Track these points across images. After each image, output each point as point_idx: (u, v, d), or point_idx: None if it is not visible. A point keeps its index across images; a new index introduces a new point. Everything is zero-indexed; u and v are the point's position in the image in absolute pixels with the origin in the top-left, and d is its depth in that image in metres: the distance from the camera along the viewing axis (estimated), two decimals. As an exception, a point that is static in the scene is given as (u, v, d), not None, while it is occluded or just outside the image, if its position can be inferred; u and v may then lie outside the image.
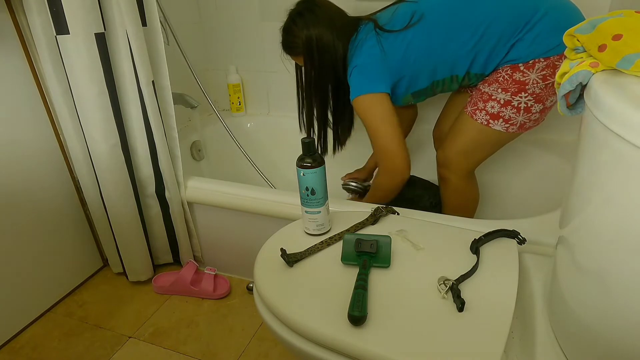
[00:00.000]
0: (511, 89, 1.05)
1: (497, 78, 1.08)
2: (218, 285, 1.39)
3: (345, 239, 0.82)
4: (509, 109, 1.07)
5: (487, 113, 1.10)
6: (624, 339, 0.53)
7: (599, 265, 0.55)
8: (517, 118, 1.08)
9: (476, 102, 1.12)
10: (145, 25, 1.18)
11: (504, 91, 1.06)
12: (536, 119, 1.10)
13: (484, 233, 0.82)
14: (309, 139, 0.81)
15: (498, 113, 1.08)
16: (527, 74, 1.03)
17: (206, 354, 1.19)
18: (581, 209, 0.59)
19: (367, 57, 1.11)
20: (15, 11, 1.15)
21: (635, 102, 0.47)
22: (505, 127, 1.10)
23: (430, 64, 1.10)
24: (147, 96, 1.20)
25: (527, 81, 1.04)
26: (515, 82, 1.04)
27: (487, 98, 1.09)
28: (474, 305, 0.68)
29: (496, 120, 1.09)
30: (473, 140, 1.14)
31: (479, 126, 1.11)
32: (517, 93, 1.05)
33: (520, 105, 1.06)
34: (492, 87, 1.08)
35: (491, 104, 1.09)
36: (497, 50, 1.05)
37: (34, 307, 1.33)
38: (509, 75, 1.05)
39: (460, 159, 1.17)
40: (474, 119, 1.12)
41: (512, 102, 1.06)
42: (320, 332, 0.66)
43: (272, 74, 1.77)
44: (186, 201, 1.35)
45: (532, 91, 1.04)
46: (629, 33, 0.53)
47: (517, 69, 1.04)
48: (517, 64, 1.04)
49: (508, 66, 1.05)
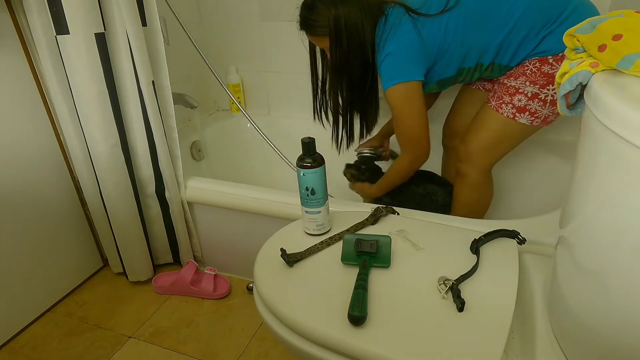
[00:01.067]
0: (540, 82, 1.05)
1: (524, 71, 1.07)
2: (218, 285, 1.39)
3: (345, 239, 0.82)
4: (536, 102, 1.07)
5: (513, 106, 1.08)
6: (624, 339, 0.53)
7: (599, 265, 0.55)
8: (542, 111, 1.07)
9: (501, 96, 1.11)
10: (145, 25, 1.18)
11: (532, 84, 1.05)
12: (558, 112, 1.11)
13: (484, 233, 0.82)
14: (309, 138, 0.81)
15: (525, 106, 1.07)
16: (555, 66, 1.03)
17: (206, 354, 1.19)
18: (581, 209, 0.59)
19: (403, 43, 1.06)
20: (15, 11, 1.15)
21: (635, 102, 0.47)
22: (531, 121, 1.09)
23: (462, 51, 1.08)
24: (147, 96, 1.20)
25: (555, 73, 1.02)
26: (544, 74, 1.04)
27: (513, 92, 1.08)
28: (474, 305, 0.68)
29: (523, 114, 1.08)
30: (497, 134, 1.13)
31: (505, 119, 1.10)
32: (546, 85, 1.05)
33: (548, 98, 1.06)
34: (520, 80, 1.07)
35: (518, 97, 1.08)
36: (527, 42, 1.04)
37: (34, 307, 1.33)
38: (537, 69, 1.05)
39: (482, 154, 1.15)
40: (500, 112, 1.10)
41: (539, 94, 1.06)
42: (320, 332, 0.66)
43: (272, 74, 1.77)
44: (186, 201, 1.35)
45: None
46: (629, 33, 0.53)
47: (545, 61, 1.04)
48: (547, 56, 1.03)
49: (536, 59, 1.05)
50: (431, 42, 1.06)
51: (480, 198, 1.23)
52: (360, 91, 1.19)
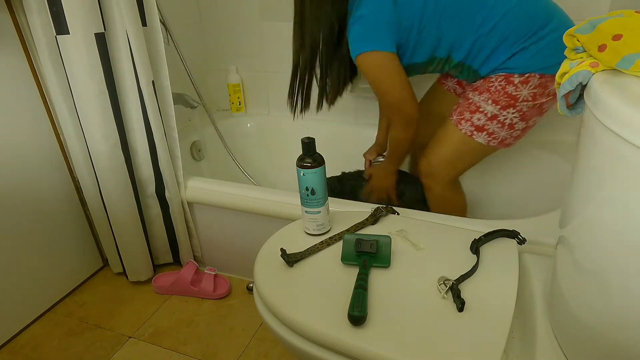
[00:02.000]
0: (501, 102, 1.04)
1: (489, 87, 1.06)
2: (218, 285, 1.39)
3: (345, 239, 0.82)
4: (494, 123, 1.07)
5: (472, 124, 1.09)
6: (624, 339, 0.53)
7: (599, 265, 0.55)
8: (500, 133, 1.08)
9: (462, 112, 1.11)
10: (145, 25, 1.18)
11: (494, 103, 1.05)
12: (517, 136, 1.11)
13: (484, 233, 0.82)
14: (309, 138, 0.81)
15: (483, 126, 1.08)
16: (519, 88, 1.02)
17: (206, 354, 1.19)
18: (581, 209, 0.59)
19: (376, 8, 1.01)
20: (15, 11, 1.15)
21: (635, 102, 0.47)
22: (487, 141, 1.09)
23: (436, 36, 1.05)
24: (147, 96, 1.20)
25: (519, 97, 1.03)
26: (507, 95, 1.03)
27: (474, 109, 1.08)
28: (474, 305, 0.68)
29: (480, 133, 1.09)
30: (456, 150, 1.13)
31: (463, 136, 1.10)
32: (506, 108, 1.05)
33: (506, 121, 1.06)
34: (483, 96, 1.07)
35: (478, 116, 1.08)
36: (499, 50, 1.02)
37: (34, 307, 1.33)
38: (502, 87, 1.04)
39: (443, 169, 1.16)
40: (459, 128, 1.11)
41: (498, 116, 1.06)
42: (320, 332, 0.66)
43: (272, 74, 1.77)
44: (186, 201, 1.35)
45: (520, 108, 1.04)
46: (629, 33, 0.53)
47: (511, 81, 1.03)
48: (513, 74, 1.02)
49: (502, 75, 1.04)
50: (406, 15, 1.02)
51: (451, 208, 1.22)
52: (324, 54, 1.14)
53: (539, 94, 1.03)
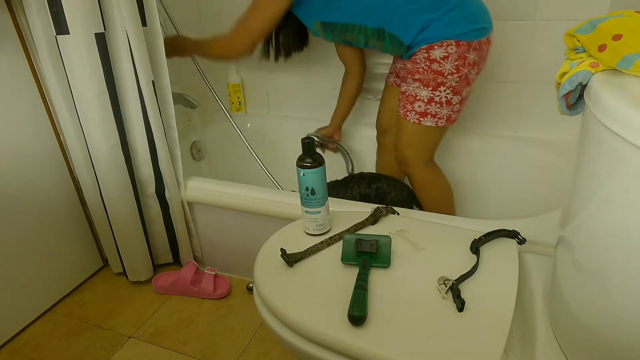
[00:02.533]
0: (431, 84, 1.14)
1: (417, 69, 1.15)
2: (218, 285, 1.39)
3: (345, 239, 0.82)
4: (433, 105, 1.17)
5: (416, 112, 1.19)
6: (624, 339, 0.53)
7: (599, 265, 0.55)
8: (442, 112, 1.18)
9: (404, 105, 1.21)
10: (145, 25, 1.18)
11: (425, 86, 1.15)
12: (458, 110, 1.20)
13: (484, 233, 0.82)
14: (309, 139, 0.81)
15: (425, 110, 1.18)
16: (442, 64, 1.12)
17: (206, 354, 1.19)
18: (581, 209, 0.59)
19: None
20: (15, 11, 1.15)
21: (635, 102, 0.47)
22: (435, 122, 1.19)
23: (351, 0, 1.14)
24: (147, 96, 1.20)
25: (444, 71, 1.12)
26: (434, 72, 1.13)
27: (412, 99, 1.18)
28: (474, 305, 0.68)
29: (425, 118, 1.18)
30: (414, 138, 1.23)
31: (413, 125, 1.20)
32: (437, 87, 1.14)
33: (442, 100, 1.16)
34: (415, 84, 1.17)
35: (418, 104, 1.18)
36: (413, 18, 1.11)
37: (34, 307, 1.33)
38: (427, 66, 1.13)
39: (410, 152, 1.25)
40: (407, 119, 1.21)
41: (434, 98, 1.16)
42: (320, 332, 0.66)
43: (272, 74, 1.77)
44: (186, 201, 1.35)
45: (449, 84, 1.13)
46: (629, 33, 0.53)
47: (433, 59, 1.12)
48: (433, 45, 1.11)
49: (424, 49, 1.12)
50: None
51: (437, 191, 1.30)
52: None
53: (461, 65, 1.12)
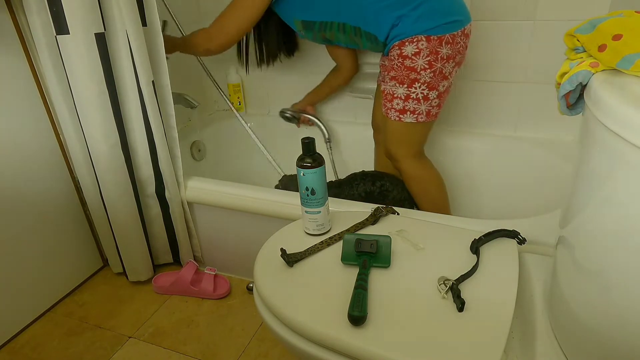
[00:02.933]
0: (405, 81, 1.15)
1: (392, 65, 1.16)
2: (218, 285, 1.39)
3: (345, 239, 0.82)
4: (411, 102, 1.18)
5: (395, 110, 1.20)
6: (624, 339, 0.53)
7: (599, 265, 0.55)
8: (420, 107, 1.18)
9: (385, 104, 1.22)
10: (145, 25, 1.18)
11: (400, 84, 1.16)
12: (437, 104, 1.20)
13: (484, 233, 0.82)
14: (309, 139, 0.81)
15: (404, 107, 1.19)
16: (414, 60, 1.12)
17: (206, 354, 1.19)
18: (581, 209, 0.59)
19: None
20: (15, 11, 1.15)
21: (635, 102, 0.47)
22: (415, 118, 1.20)
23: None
24: (147, 96, 1.20)
25: (416, 67, 1.13)
26: (407, 68, 1.14)
27: (390, 97, 1.20)
28: (474, 305, 0.68)
29: (404, 114, 1.20)
30: (398, 133, 1.25)
31: (395, 123, 1.22)
32: (412, 84, 1.15)
33: (419, 96, 1.17)
34: (391, 83, 1.18)
35: (396, 102, 1.19)
36: (384, 14, 1.12)
37: (34, 307, 1.33)
38: (400, 63, 1.14)
39: (397, 148, 1.26)
40: (389, 117, 1.23)
41: (410, 95, 1.17)
42: (320, 332, 0.66)
43: (272, 74, 1.77)
44: (186, 201, 1.35)
45: (424, 80, 1.14)
46: (629, 33, 0.53)
47: (405, 55, 1.13)
48: (404, 41, 1.12)
49: (397, 45, 1.13)
50: None
51: (426, 185, 1.30)
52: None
53: (433, 60, 1.12)
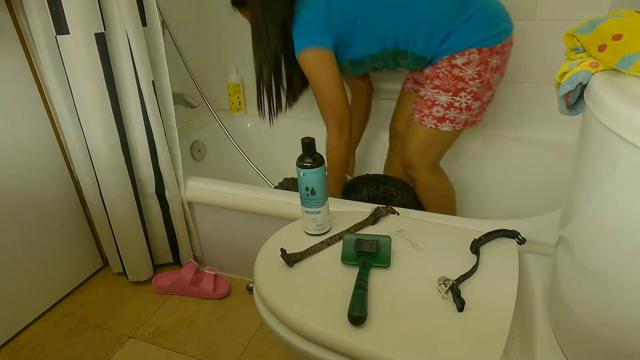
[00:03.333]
0: (452, 89, 1.12)
1: (437, 74, 1.13)
2: (218, 285, 1.39)
3: (345, 239, 0.82)
4: (452, 111, 1.15)
5: (434, 117, 1.16)
6: (624, 339, 0.53)
7: (599, 265, 0.55)
8: (460, 117, 1.16)
9: (421, 109, 1.18)
10: (145, 25, 1.18)
11: (445, 92, 1.13)
12: (477, 114, 1.18)
13: (484, 233, 0.82)
14: (309, 138, 0.81)
15: (444, 116, 1.15)
16: (464, 69, 1.10)
17: (206, 354, 1.19)
18: (581, 209, 0.59)
19: (311, 10, 1.12)
20: (15, 11, 1.15)
21: (635, 102, 0.47)
22: (452, 127, 1.17)
23: (370, 30, 1.13)
24: (147, 96, 1.20)
25: (465, 77, 1.11)
26: (455, 78, 1.11)
27: (430, 104, 1.16)
28: (474, 305, 0.68)
29: (443, 123, 1.16)
30: (427, 142, 1.21)
31: (429, 130, 1.18)
32: (457, 93, 1.13)
33: (462, 106, 1.14)
34: (434, 90, 1.15)
35: (436, 109, 1.15)
36: (435, 35, 1.10)
37: (34, 307, 1.33)
38: (448, 72, 1.11)
39: (419, 157, 1.23)
40: (424, 124, 1.18)
41: (454, 103, 1.14)
42: (320, 332, 0.66)
43: (272, 74, 1.76)
44: (186, 201, 1.35)
45: (470, 90, 1.12)
46: (629, 33, 0.53)
47: (454, 64, 1.10)
48: (454, 55, 1.10)
49: (446, 59, 1.10)
50: (338, 13, 1.11)
51: (440, 196, 1.29)
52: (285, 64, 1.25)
53: (483, 70, 1.11)
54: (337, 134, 1.22)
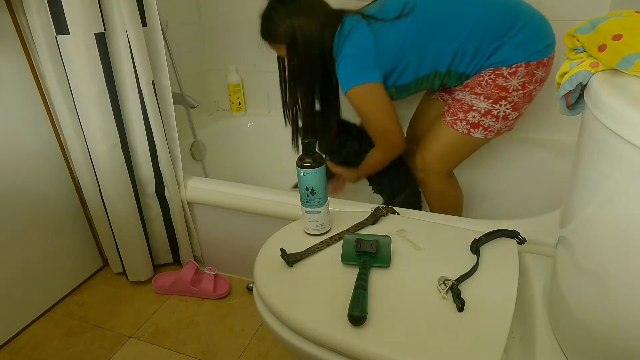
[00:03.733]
0: (493, 96, 1.09)
1: (479, 82, 1.10)
2: (218, 285, 1.39)
3: (345, 239, 0.82)
4: (489, 118, 1.11)
5: (467, 122, 1.13)
6: (623, 339, 0.53)
7: (599, 265, 0.55)
8: (495, 126, 1.13)
9: (456, 113, 1.15)
10: (145, 25, 1.18)
11: (486, 99, 1.09)
12: (510, 125, 1.16)
13: (484, 233, 0.82)
14: (309, 139, 0.81)
15: (479, 122, 1.12)
16: (509, 79, 1.07)
17: (206, 354, 1.19)
18: (581, 209, 0.59)
19: (358, 46, 1.09)
20: (15, 11, 1.15)
21: (635, 102, 0.47)
22: (484, 134, 1.15)
23: (419, 56, 1.10)
24: (147, 96, 1.20)
25: (509, 87, 1.07)
26: (498, 87, 1.08)
27: (467, 108, 1.12)
28: (474, 305, 0.68)
29: (476, 129, 1.13)
30: (452, 146, 1.19)
31: (459, 135, 1.15)
32: (498, 101, 1.09)
33: (500, 114, 1.11)
34: (474, 96, 1.11)
35: (472, 114, 1.12)
36: (480, 52, 1.07)
37: (34, 307, 1.33)
38: (492, 80, 1.08)
39: (438, 163, 1.21)
40: (455, 128, 1.15)
41: (492, 111, 1.10)
42: (320, 332, 0.66)
43: (272, 74, 1.76)
44: (186, 201, 1.35)
45: (512, 99, 1.09)
46: (629, 33, 0.53)
47: (500, 74, 1.07)
48: (501, 67, 1.06)
49: (491, 70, 1.07)
50: (385, 46, 1.08)
51: (446, 203, 1.27)
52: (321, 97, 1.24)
53: (528, 82, 1.07)
54: (387, 154, 1.22)
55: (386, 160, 1.24)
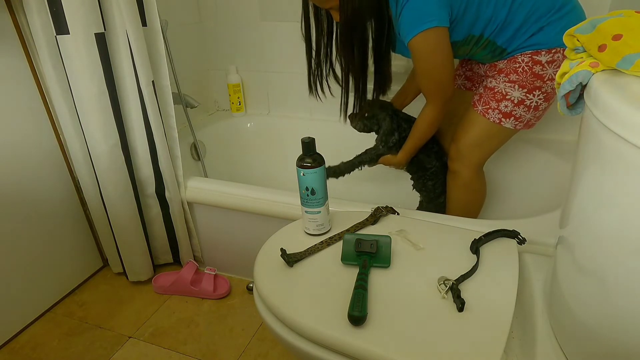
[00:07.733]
0: (528, 85, 1.07)
1: (515, 68, 1.08)
2: (218, 285, 1.39)
3: (345, 239, 0.82)
4: (521, 108, 1.10)
5: (500, 112, 1.12)
6: (623, 339, 0.53)
7: (599, 265, 0.55)
8: (525, 116, 1.11)
9: (488, 102, 1.13)
10: (145, 25, 1.18)
11: (520, 87, 1.07)
12: (539, 116, 1.14)
13: (484, 233, 0.82)
14: (309, 138, 0.81)
15: (511, 112, 1.11)
16: (546, 67, 1.05)
17: (206, 354, 1.19)
18: (581, 209, 0.59)
19: None
20: (15, 11, 1.15)
21: (635, 102, 0.47)
22: (515, 125, 1.13)
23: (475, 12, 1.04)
24: (147, 96, 1.20)
25: (545, 76, 1.05)
26: (534, 75, 1.06)
27: (500, 97, 1.11)
28: (474, 305, 0.68)
29: (508, 119, 1.12)
30: (484, 134, 1.16)
31: (491, 124, 1.14)
32: (532, 91, 1.07)
33: (532, 104, 1.09)
34: (509, 84, 1.09)
35: (505, 104, 1.10)
36: (527, 25, 1.04)
37: (34, 307, 1.33)
38: (529, 67, 1.06)
39: (472, 151, 1.19)
40: (487, 117, 1.13)
41: (525, 101, 1.09)
42: (320, 332, 0.66)
43: (272, 74, 1.77)
44: (186, 201, 1.35)
45: (545, 90, 1.07)
46: (629, 33, 0.53)
47: (538, 61, 1.05)
48: (540, 51, 1.04)
49: (529, 54, 1.05)
50: None
51: (472, 197, 1.26)
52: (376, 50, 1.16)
53: None
54: (440, 110, 1.14)
55: (438, 120, 1.16)
